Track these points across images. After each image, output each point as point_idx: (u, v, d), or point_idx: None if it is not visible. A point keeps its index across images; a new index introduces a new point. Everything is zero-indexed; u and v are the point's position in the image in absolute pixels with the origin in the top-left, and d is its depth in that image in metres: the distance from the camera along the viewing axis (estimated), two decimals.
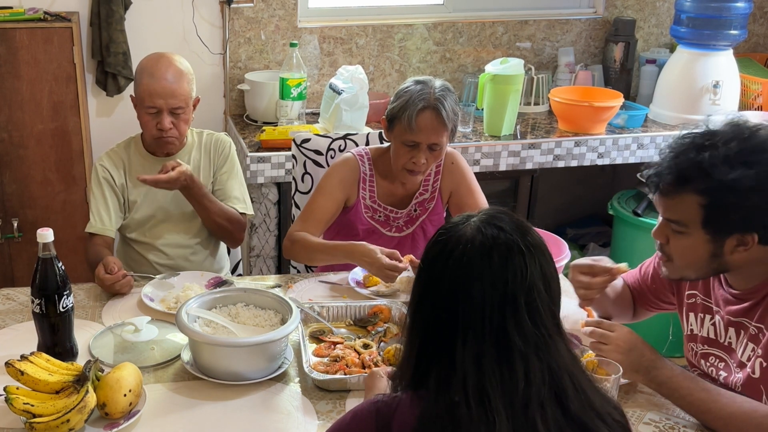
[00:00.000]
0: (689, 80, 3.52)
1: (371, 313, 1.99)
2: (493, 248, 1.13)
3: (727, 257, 1.57)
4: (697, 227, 1.55)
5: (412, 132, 2.17)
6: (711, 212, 1.53)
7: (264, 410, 1.67)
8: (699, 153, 1.53)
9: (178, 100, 2.28)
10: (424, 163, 2.22)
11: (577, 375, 1.16)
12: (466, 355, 1.11)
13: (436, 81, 2.22)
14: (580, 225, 4.22)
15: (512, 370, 1.11)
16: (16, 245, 3.23)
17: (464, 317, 1.12)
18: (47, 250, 1.73)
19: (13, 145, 3.13)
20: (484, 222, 1.17)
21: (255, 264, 3.23)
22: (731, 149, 1.50)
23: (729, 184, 1.49)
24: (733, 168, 1.49)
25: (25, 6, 3.14)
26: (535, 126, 3.54)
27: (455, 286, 1.13)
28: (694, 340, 1.77)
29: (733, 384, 1.65)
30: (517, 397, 1.11)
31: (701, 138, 1.55)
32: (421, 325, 1.18)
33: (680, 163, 1.55)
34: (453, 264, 1.14)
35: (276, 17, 3.51)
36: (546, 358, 1.13)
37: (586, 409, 1.15)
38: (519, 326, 1.12)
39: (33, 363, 1.64)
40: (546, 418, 1.11)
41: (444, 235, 1.18)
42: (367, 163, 2.37)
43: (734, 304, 1.66)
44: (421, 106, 2.16)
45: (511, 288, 1.12)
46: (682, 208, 1.56)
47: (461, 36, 3.77)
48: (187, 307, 1.81)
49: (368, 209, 2.38)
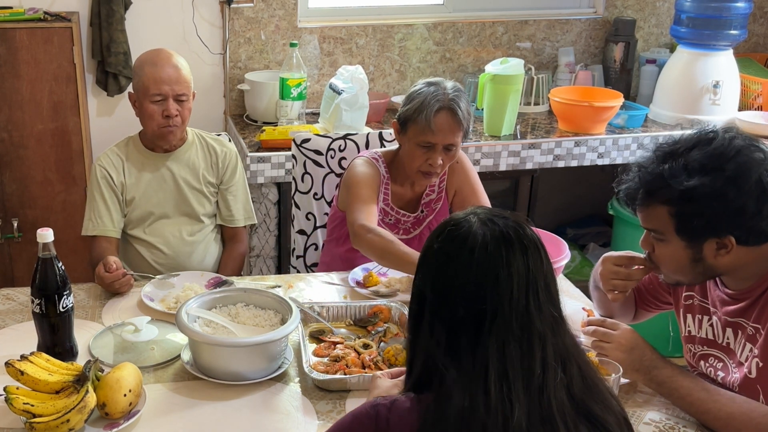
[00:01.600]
0: (689, 80, 3.52)
1: (371, 313, 1.99)
2: (513, 237, 1.18)
3: (710, 261, 1.58)
4: (672, 235, 1.58)
5: (429, 133, 2.17)
6: (680, 220, 1.55)
7: (264, 410, 1.67)
8: (660, 164, 1.57)
9: (182, 87, 2.30)
10: (440, 165, 2.22)
11: (580, 358, 1.21)
12: (490, 343, 1.14)
13: (447, 82, 2.22)
14: (580, 225, 4.22)
15: (532, 354, 1.15)
16: (16, 245, 3.23)
17: (492, 306, 1.15)
18: (47, 250, 1.73)
19: (13, 145, 3.13)
20: (488, 215, 1.21)
21: (255, 264, 3.23)
22: (691, 157, 1.53)
23: (687, 193, 1.51)
24: (691, 176, 1.51)
25: (25, 6, 3.14)
26: (535, 126, 3.54)
27: (483, 277, 1.16)
28: (692, 341, 1.77)
29: (730, 384, 1.65)
30: (534, 381, 1.14)
31: (666, 147, 1.59)
32: (446, 321, 1.18)
33: (643, 176, 1.59)
34: (479, 255, 1.16)
35: (276, 17, 3.51)
36: (558, 340, 1.17)
37: (588, 391, 1.19)
38: (539, 308, 1.16)
39: (33, 363, 1.64)
40: (558, 401, 1.15)
41: (457, 230, 1.20)
42: (383, 166, 2.36)
43: (730, 304, 1.66)
44: (438, 107, 2.16)
45: (533, 273, 1.17)
46: (655, 218, 1.59)
47: (461, 36, 3.77)
48: (187, 307, 1.81)
49: (381, 212, 2.37)
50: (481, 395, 1.12)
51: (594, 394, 1.19)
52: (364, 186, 2.29)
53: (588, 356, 1.65)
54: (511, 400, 1.12)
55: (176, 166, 2.41)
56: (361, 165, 2.34)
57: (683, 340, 1.81)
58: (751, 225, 1.52)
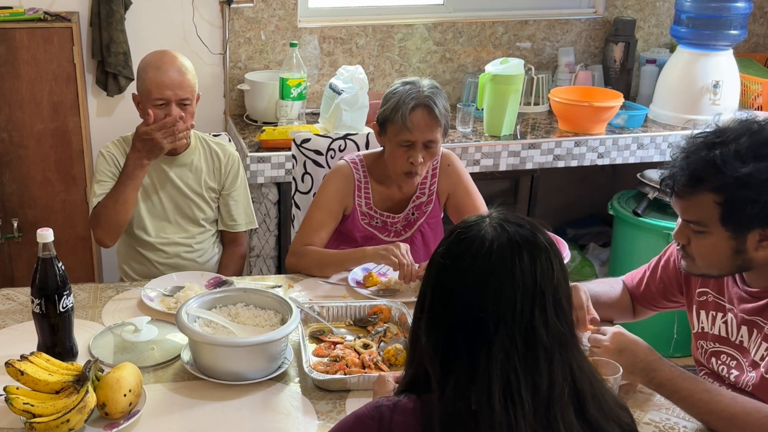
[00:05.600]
0: (689, 80, 3.52)
1: (371, 313, 1.99)
2: (522, 245, 1.13)
3: (751, 253, 1.56)
4: (716, 225, 1.55)
5: (406, 131, 2.17)
6: (728, 209, 1.52)
7: (264, 410, 1.67)
8: (710, 151, 1.53)
9: (185, 91, 2.29)
10: (421, 162, 2.22)
11: (594, 376, 1.17)
12: (492, 355, 1.10)
13: (423, 80, 2.23)
14: (580, 225, 4.22)
15: (537, 369, 1.11)
16: (16, 245, 3.23)
17: (494, 316, 1.11)
18: (47, 250, 1.73)
19: (13, 145, 3.13)
20: (503, 220, 1.16)
21: (255, 264, 3.23)
22: (742, 144, 1.51)
23: (743, 180, 1.49)
24: (745, 163, 1.49)
25: (25, 6, 3.14)
26: (535, 126, 3.54)
27: (485, 285, 1.12)
28: (704, 337, 1.77)
29: (744, 384, 1.64)
30: (540, 397, 1.11)
31: (712, 136, 1.55)
32: (444, 326, 1.15)
33: (692, 163, 1.55)
34: (482, 262, 1.12)
35: (276, 17, 3.51)
36: (567, 357, 1.13)
37: (602, 411, 1.15)
38: (546, 323, 1.12)
39: (33, 363, 1.64)
40: (566, 419, 1.11)
41: (465, 234, 1.16)
42: (361, 169, 2.36)
43: (749, 302, 1.65)
44: (413, 104, 2.16)
45: (540, 284, 1.12)
46: (699, 207, 1.56)
47: (461, 36, 3.77)
48: (187, 307, 1.81)
49: (365, 216, 2.37)
50: (485, 409, 1.09)
51: (605, 412, 1.16)
52: (319, 207, 2.34)
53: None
54: (516, 416, 1.09)
55: (179, 171, 2.40)
56: (330, 180, 2.36)
57: (694, 336, 1.80)
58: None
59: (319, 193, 2.38)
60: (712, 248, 1.59)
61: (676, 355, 3.21)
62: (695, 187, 1.55)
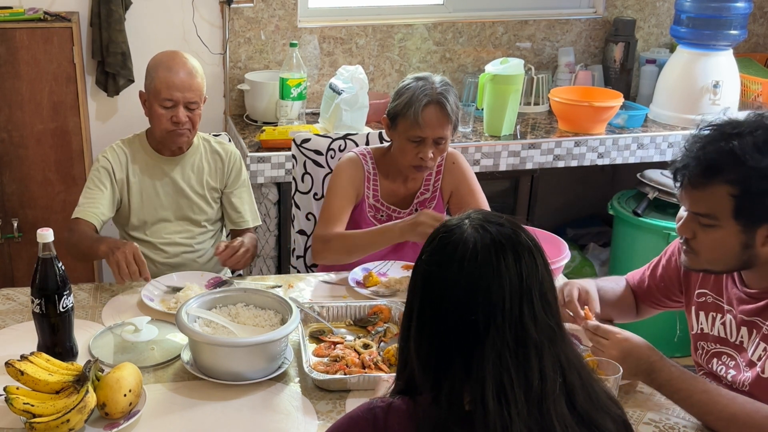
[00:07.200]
0: (689, 80, 3.52)
1: (371, 313, 1.99)
2: (506, 245, 1.13)
3: (758, 249, 1.55)
4: (727, 219, 1.53)
5: (418, 127, 2.18)
6: (743, 201, 1.50)
7: (264, 410, 1.67)
8: (728, 142, 1.50)
9: (194, 94, 2.29)
10: (431, 158, 2.22)
11: (582, 368, 1.18)
12: (485, 355, 1.10)
13: (435, 76, 2.24)
14: (580, 225, 4.22)
15: (528, 365, 1.11)
16: (16, 245, 3.23)
17: (484, 317, 1.11)
18: (47, 250, 1.73)
19: (13, 145, 3.13)
20: (484, 221, 1.17)
21: (255, 264, 3.23)
22: (759, 137, 1.49)
23: (763, 171, 1.47)
24: (764, 155, 1.48)
25: (25, 6, 3.14)
26: (535, 126, 3.54)
27: (474, 288, 1.12)
28: (704, 339, 1.76)
29: (740, 383, 1.64)
30: (532, 392, 1.11)
31: (727, 127, 1.53)
32: (434, 333, 1.15)
33: (709, 153, 1.52)
34: (469, 266, 1.12)
35: (276, 17, 3.51)
36: (556, 351, 1.14)
37: (592, 402, 1.16)
38: (534, 318, 1.12)
39: (33, 363, 1.64)
40: (558, 411, 1.12)
41: (447, 238, 1.16)
42: (370, 162, 2.37)
43: (748, 303, 1.64)
44: (426, 101, 2.17)
45: (526, 281, 1.12)
46: (711, 199, 1.53)
47: (461, 36, 3.77)
48: (187, 307, 1.81)
49: (371, 208, 2.38)
50: (479, 409, 1.10)
51: (595, 403, 1.17)
52: (336, 194, 2.33)
53: (587, 357, 1.66)
54: (510, 414, 1.09)
55: (181, 170, 2.40)
56: (343, 168, 2.36)
57: (693, 338, 1.80)
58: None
59: (333, 182, 2.37)
60: (719, 242, 1.56)
61: (676, 355, 3.21)
62: (711, 178, 1.52)
